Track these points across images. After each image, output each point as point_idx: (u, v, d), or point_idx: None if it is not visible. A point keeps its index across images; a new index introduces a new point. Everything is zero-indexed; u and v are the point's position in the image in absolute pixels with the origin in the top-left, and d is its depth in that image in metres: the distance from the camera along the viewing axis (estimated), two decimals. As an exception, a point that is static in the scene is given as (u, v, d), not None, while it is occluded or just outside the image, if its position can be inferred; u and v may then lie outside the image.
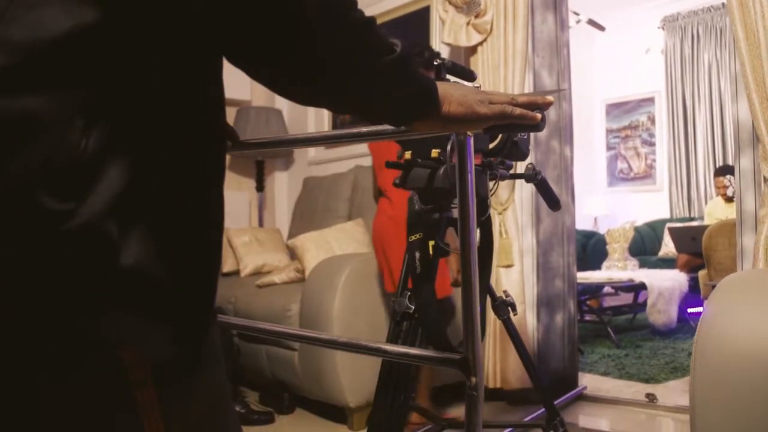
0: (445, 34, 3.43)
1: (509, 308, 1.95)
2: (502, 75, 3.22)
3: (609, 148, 8.24)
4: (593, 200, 7.59)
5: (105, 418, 0.57)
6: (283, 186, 4.76)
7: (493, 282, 3.21)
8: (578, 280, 4.19)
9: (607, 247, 6.14)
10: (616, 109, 8.15)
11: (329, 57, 0.66)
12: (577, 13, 6.33)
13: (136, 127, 0.55)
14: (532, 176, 1.82)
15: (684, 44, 7.67)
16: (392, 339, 1.74)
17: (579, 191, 3.74)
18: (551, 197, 1.91)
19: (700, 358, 1.58)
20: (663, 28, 7.84)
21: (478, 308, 1.05)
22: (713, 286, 4.08)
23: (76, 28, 0.51)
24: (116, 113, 0.54)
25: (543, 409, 2.01)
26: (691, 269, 5.38)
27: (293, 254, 3.73)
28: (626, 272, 5.49)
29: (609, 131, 8.25)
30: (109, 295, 0.54)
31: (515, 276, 3.16)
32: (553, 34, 3.47)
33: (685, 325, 5.31)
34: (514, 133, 1.28)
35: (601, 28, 6.74)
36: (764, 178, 2.48)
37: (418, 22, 3.93)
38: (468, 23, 3.36)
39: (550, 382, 3.22)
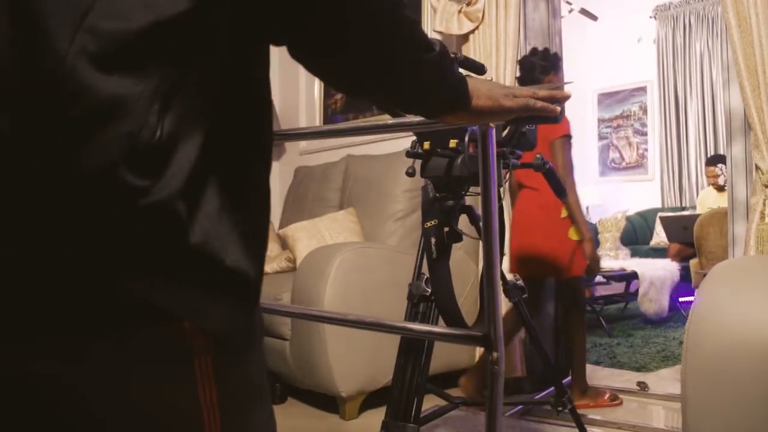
0: (437, 22, 3.41)
1: (520, 291, 2.05)
2: (494, 63, 3.20)
3: (601, 137, 8.24)
4: (585, 190, 7.57)
5: (163, 381, 0.60)
6: (275, 175, 4.74)
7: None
8: (570, 270, 4.19)
9: (599, 236, 6.15)
10: (608, 98, 8.15)
11: (377, 53, 0.72)
12: (569, 2, 6.31)
13: (201, 112, 0.59)
14: (541, 165, 1.91)
15: (676, 33, 7.67)
16: (410, 320, 1.86)
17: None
18: (557, 186, 2.00)
19: (691, 346, 1.57)
20: (655, 18, 7.83)
21: (500, 288, 1.13)
22: (705, 275, 4.07)
23: (160, 18, 0.55)
24: (185, 98, 0.57)
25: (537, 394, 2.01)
26: (683, 258, 5.39)
27: (284, 243, 3.71)
28: (618, 261, 5.51)
29: (601, 121, 8.24)
30: (178, 270, 0.57)
31: (505, 266, 3.16)
32: (545, 22, 3.45)
33: (677, 313, 5.33)
34: (534, 124, 1.33)
35: (594, 17, 6.72)
36: (755, 166, 2.48)
37: (409, 9, 3.90)
38: (460, 11, 3.34)
39: (542, 372, 3.22)
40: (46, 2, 0.53)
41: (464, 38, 3.37)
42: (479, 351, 3.15)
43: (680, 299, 5.49)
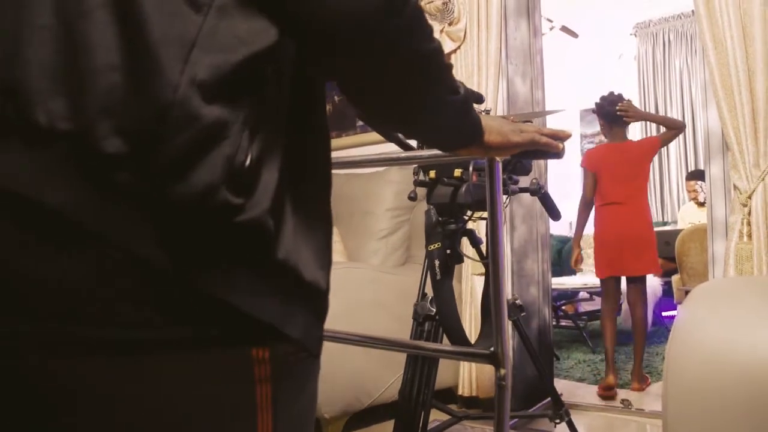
0: (419, 41, 3.42)
1: (518, 309, 2.19)
2: (476, 82, 3.22)
3: (583, 153, 8.30)
4: (568, 205, 7.63)
5: (226, 405, 0.64)
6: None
7: (468, 290, 3.21)
8: (553, 286, 4.21)
9: (583, 252, 6.18)
10: (589, 114, 8.19)
11: (411, 95, 0.77)
12: (550, 20, 6.37)
13: (277, 139, 0.65)
14: (537, 190, 2.01)
15: (656, 50, 7.77)
16: (415, 338, 1.98)
17: (554, 196, 3.76)
18: (553, 209, 2.11)
19: (672, 366, 1.58)
20: (635, 35, 7.93)
21: (506, 308, 1.23)
22: (686, 291, 4.13)
23: (253, 51, 0.61)
24: (266, 126, 0.63)
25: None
26: (665, 273, 5.42)
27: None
28: (602, 277, 5.52)
29: (583, 137, 8.31)
30: (267, 282, 0.63)
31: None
32: (527, 41, 3.48)
33: (660, 328, 5.36)
34: (538, 159, 1.42)
35: (575, 34, 6.77)
36: (734, 185, 2.51)
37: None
38: (441, 30, 3.36)
39: (525, 389, 3.22)
40: (157, 35, 0.58)
41: (447, 58, 3.39)
42: (465, 368, 3.15)
43: (663, 314, 5.53)
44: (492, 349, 1.23)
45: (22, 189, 0.57)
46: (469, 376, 3.13)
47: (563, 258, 6.58)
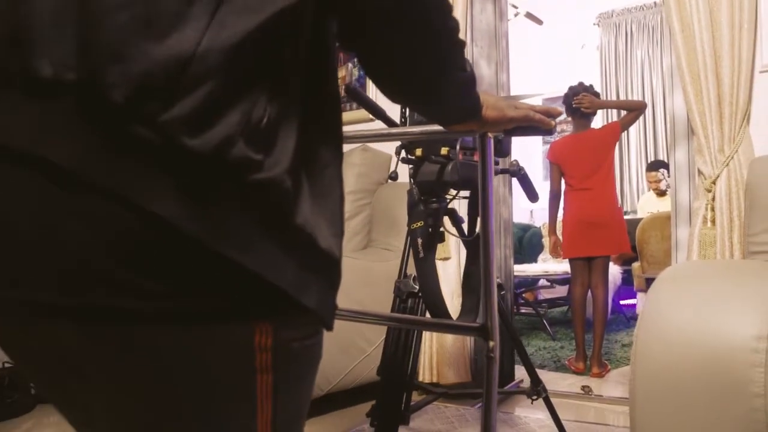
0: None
1: (499, 288, 2.21)
2: (440, 64, 3.16)
3: (545, 141, 8.33)
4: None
5: (226, 391, 0.61)
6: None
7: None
8: (514, 273, 4.20)
9: (543, 240, 6.19)
10: (552, 103, 8.22)
11: (426, 69, 0.77)
12: (515, 6, 6.34)
13: (293, 102, 0.62)
14: (516, 171, 2.09)
15: (618, 41, 7.82)
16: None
17: (515, 184, 3.76)
18: (531, 190, 2.18)
19: (640, 349, 1.55)
20: (598, 25, 7.97)
21: (495, 282, 1.26)
22: (646, 279, 4.12)
23: (277, 9, 0.59)
24: (285, 83, 0.61)
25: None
26: (624, 262, 5.47)
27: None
28: (561, 265, 5.54)
29: (546, 125, 8.33)
30: (284, 246, 0.60)
31: (452, 269, 3.12)
32: (492, 24, 3.43)
33: (619, 316, 5.40)
34: (530, 135, 1.42)
35: (539, 21, 6.76)
36: (698, 170, 2.49)
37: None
38: (406, 10, 3.28)
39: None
40: None
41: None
42: (426, 356, 3.10)
43: (621, 302, 5.57)
44: (481, 322, 1.28)
45: (22, 143, 0.53)
46: (429, 362, 3.08)
47: (524, 245, 6.59)
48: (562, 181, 3.90)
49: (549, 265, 5.62)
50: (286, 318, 0.63)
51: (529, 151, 8.23)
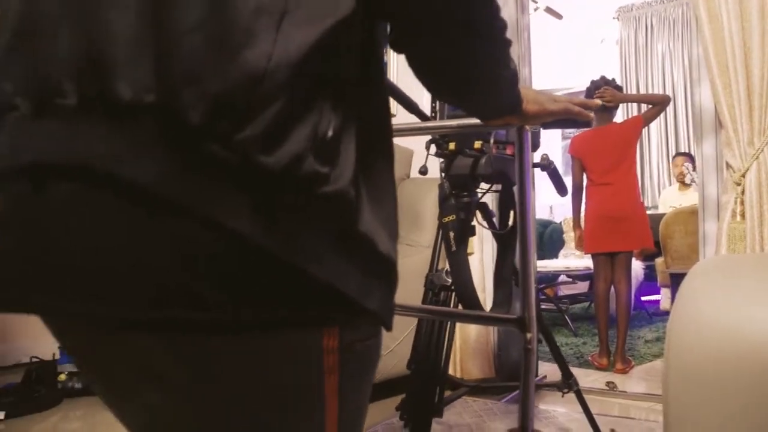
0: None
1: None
2: (462, 58, 3.14)
3: (564, 137, 8.28)
4: (549, 187, 7.61)
5: (296, 393, 0.64)
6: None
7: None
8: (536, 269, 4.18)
9: (564, 236, 6.15)
10: (573, 97, 8.18)
11: (474, 66, 0.77)
12: (535, 1, 6.30)
13: (352, 112, 0.63)
14: (547, 165, 2.09)
15: (638, 34, 7.75)
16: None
17: (537, 178, 3.75)
18: (560, 184, 2.19)
19: (674, 344, 1.53)
20: (618, 19, 7.90)
21: (533, 276, 1.27)
22: (671, 274, 4.06)
23: (337, 19, 0.59)
24: (343, 92, 0.62)
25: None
26: (646, 257, 5.42)
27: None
28: (582, 260, 5.51)
29: (565, 120, 8.28)
30: (349, 253, 0.61)
31: (475, 264, 3.10)
32: (514, 17, 3.41)
33: (641, 312, 5.35)
34: (568, 128, 1.43)
35: (559, 16, 6.71)
36: (726, 163, 2.46)
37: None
38: (428, 5, 3.27)
39: (511, 371, 3.18)
40: (249, 1, 0.56)
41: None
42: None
43: (642, 298, 5.53)
44: (519, 314, 1.29)
45: (104, 165, 0.55)
46: (453, 359, 3.07)
47: (544, 241, 6.56)
48: (584, 176, 3.87)
49: (570, 260, 5.58)
50: (350, 321, 0.65)
51: (548, 146, 8.18)
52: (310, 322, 0.62)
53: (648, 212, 6.41)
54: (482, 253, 3.13)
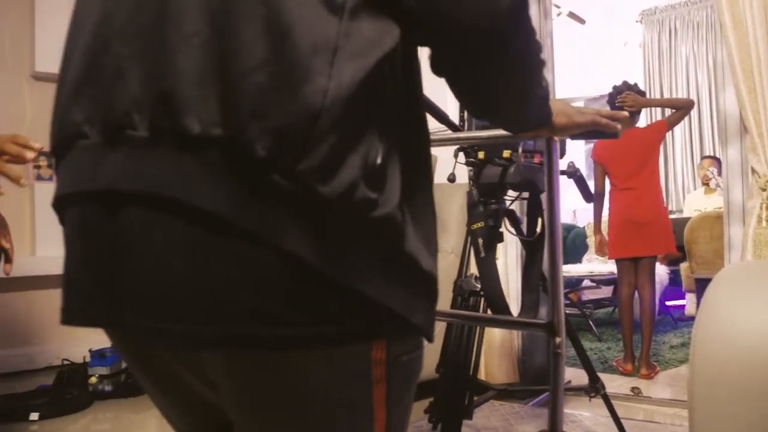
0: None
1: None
2: (486, 65, 3.16)
3: (587, 141, 8.24)
4: (572, 192, 7.57)
5: (348, 403, 0.68)
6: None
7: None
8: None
9: (588, 240, 6.13)
10: (594, 102, 8.15)
11: (510, 86, 0.78)
12: (557, 6, 6.29)
13: (396, 137, 0.67)
14: (573, 172, 2.16)
15: (662, 38, 7.70)
16: None
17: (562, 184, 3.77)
18: (586, 191, 2.26)
19: (699, 351, 1.54)
20: (641, 22, 7.86)
21: (562, 282, 1.31)
22: (696, 279, 4.05)
23: (385, 51, 0.63)
24: (388, 120, 0.66)
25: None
26: (671, 262, 5.39)
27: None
28: (606, 265, 5.49)
29: (587, 124, 8.23)
30: (395, 272, 0.66)
31: (500, 269, 3.12)
32: (537, 23, 3.42)
33: (665, 317, 5.32)
34: (595, 139, 1.45)
35: (582, 21, 6.69)
36: (752, 169, 2.46)
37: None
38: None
39: (535, 375, 3.18)
40: (304, 41, 0.60)
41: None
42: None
43: (667, 303, 5.49)
44: (548, 319, 1.32)
45: (177, 193, 0.60)
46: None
47: (567, 246, 6.54)
48: (606, 181, 3.87)
49: (594, 265, 5.57)
50: (396, 335, 0.69)
51: (571, 149, 8.15)
52: (360, 336, 0.66)
53: (672, 216, 6.37)
54: (506, 258, 3.15)
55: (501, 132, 1.27)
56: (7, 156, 1.26)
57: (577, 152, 8.25)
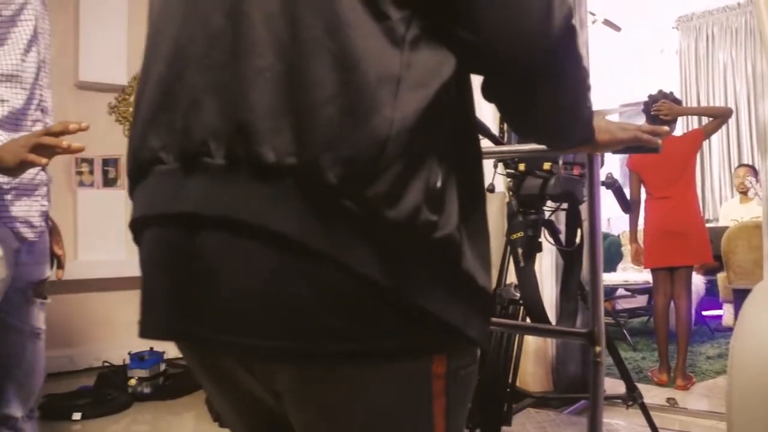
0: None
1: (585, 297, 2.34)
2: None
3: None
4: (607, 201, 7.51)
5: (411, 414, 0.72)
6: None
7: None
8: (595, 282, 4.15)
9: (622, 248, 6.09)
10: (630, 109, 8.07)
11: (559, 108, 0.81)
12: (593, 13, 6.27)
13: (453, 155, 0.71)
14: (611, 183, 2.23)
15: (699, 44, 7.61)
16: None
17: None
18: (624, 201, 2.31)
19: (737, 362, 1.53)
20: (678, 28, 7.78)
21: (603, 291, 1.35)
22: (734, 290, 4.02)
23: (444, 80, 0.68)
24: (446, 145, 0.69)
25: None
26: (707, 271, 5.32)
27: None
28: (641, 274, 5.44)
29: (622, 132, 8.16)
30: (454, 288, 0.69)
31: (534, 278, 3.13)
32: (573, 33, 3.42)
33: (702, 327, 5.25)
34: (636, 153, 1.49)
35: (617, 28, 6.65)
36: (791, 179, 2.43)
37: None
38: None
39: (568, 384, 3.18)
40: (370, 74, 0.64)
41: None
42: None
43: (703, 313, 5.42)
44: (588, 328, 1.36)
45: (253, 218, 0.65)
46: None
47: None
48: (642, 190, 3.85)
49: (628, 274, 5.52)
50: (455, 349, 0.72)
51: (605, 159, 8.09)
52: (422, 351, 0.70)
53: (709, 225, 6.30)
54: (541, 267, 3.15)
55: (542, 146, 1.30)
56: (46, 146, 1.30)
57: (612, 160, 8.18)
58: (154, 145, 0.73)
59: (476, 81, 0.77)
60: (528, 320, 1.96)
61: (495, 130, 1.88)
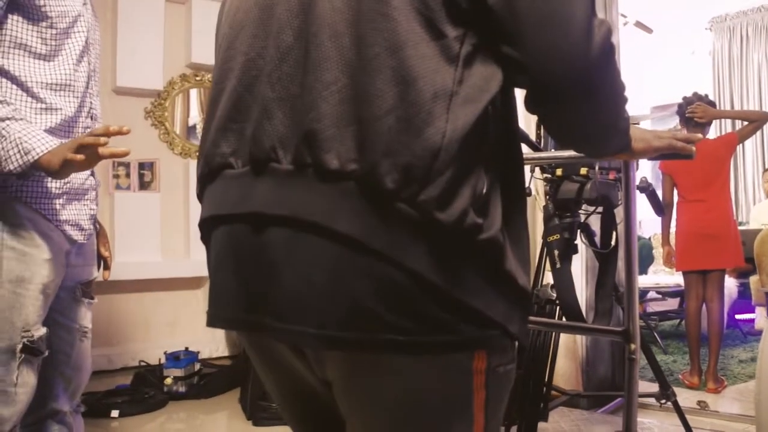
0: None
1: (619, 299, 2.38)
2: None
3: (655, 152, 8.08)
4: (638, 203, 7.45)
5: (454, 405, 0.77)
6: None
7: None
8: (625, 285, 4.15)
9: (653, 251, 6.06)
10: (661, 111, 8.02)
11: (596, 120, 0.84)
12: (624, 15, 6.24)
13: (497, 162, 0.77)
14: (645, 187, 2.22)
15: (732, 45, 7.52)
16: None
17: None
18: (657, 205, 2.34)
19: (765, 368, 1.56)
20: (711, 29, 7.69)
21: (637, 291, 1.40)
22: (766, 293, 3.99)
23: (492, 95, 0.74)
24: (491, 152, 0.75)
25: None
26: (740, 275, 5.27)
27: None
28: (673, 277, 5.41)
29: (654, 134, 8.09)
30: (497, 287, 0.75)
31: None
32: (605, 36, 3.44)
33: (734, 330, 5.21)
34: (671, 159, 1.55)
35: (649, 30, 6.62)
36: (826, 183, 2.43)
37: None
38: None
39: (597, 384, 3.20)
40: (426, 89, 0.70)
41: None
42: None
43: (736, 317, 5.37)
44: (623, 326, 1.42)
45: (318, 218, 0.71)
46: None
47: (632, 257, 6.44)
48: (674, 192, 3.84)
49: (660, 277, 5.50)
50: (494, 346, 0.77)
51: (639, 162, 8.03)
52: (465, 346, 0.75)
53: (742, 228, 6.23)
54: (573, 268, 3.17)
55: (579, 153, 1.35)
56: (87, 146, 1.33)
57: (644, 162, 8.12)
58: (225, 150, 0.80)
59: (519, 91, 0.81)
60: (563, 319, 2.02)
61: (532, 136, 1.92)
